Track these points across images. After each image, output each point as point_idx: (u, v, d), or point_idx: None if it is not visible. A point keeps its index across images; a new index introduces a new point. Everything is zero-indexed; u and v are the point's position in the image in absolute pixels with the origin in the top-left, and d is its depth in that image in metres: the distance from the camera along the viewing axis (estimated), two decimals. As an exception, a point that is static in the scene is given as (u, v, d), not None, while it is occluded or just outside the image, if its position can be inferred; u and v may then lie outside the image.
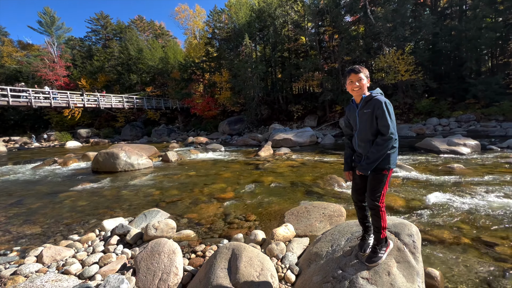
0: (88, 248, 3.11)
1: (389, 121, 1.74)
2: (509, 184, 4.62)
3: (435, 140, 8.77)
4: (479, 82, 16.29)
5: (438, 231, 3.07)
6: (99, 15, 39.08)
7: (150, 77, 32.70)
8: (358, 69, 1.85)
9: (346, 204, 4.19)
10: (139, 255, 2.49)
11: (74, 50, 39.53)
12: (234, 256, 2.19)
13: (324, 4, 21.01)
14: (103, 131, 29.60)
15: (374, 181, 1.85)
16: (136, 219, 3.85)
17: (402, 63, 17.28)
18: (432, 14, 19.20)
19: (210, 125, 25.42)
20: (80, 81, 32.97)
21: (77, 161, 10.72)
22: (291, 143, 12.56)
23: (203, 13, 34.97)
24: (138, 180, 7.07)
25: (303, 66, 21.15)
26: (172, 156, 10.19)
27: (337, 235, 2.43)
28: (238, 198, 4.95)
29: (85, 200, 5.48)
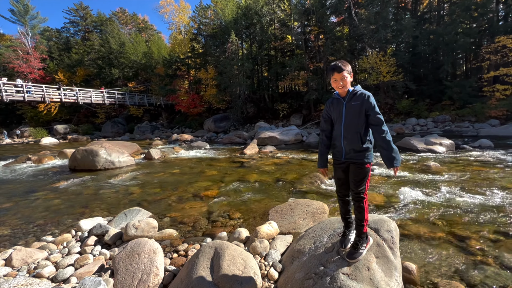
0: (63, 249, 2.96)
1: (377, 109, 1.86)
2: (480, 181, 4.90)
3: (413, 139, 9.14)
4: (454, 85, 17.16)
5: (415, 226, 3.19)
6: (78, 6, 37.27)
7: (133, 72, 31.68)
8: (340, 67, 1.87)
9: (329, 201, 4.27)
10: (118, 256, 2.40)
11: (50, 41, 37.47)
12: (217, 254, 2.16)
13: (310, 4, 21.23)
14: (82, 128, 28.36)
15: (359, 175, 1.91)
16: (116, 218, 3.71)
17: (384, 64, 17.84)
18: (412, 18, 19.93)
19: (195, 123, 25.04)
20: (57, 74, 31.35)
21: (53, 158, 10.21)
22: (276, 141, 12.63)
23: (188, 8, 34.24)
24: (119, 178, 6.83)
25: (289, 65, 21.31)
26: (156, 153, 9.94)
27: (319, 232, 2.46)
28: (223, 196, 4.90)
29: (61, 199, 5.22)
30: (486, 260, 2.45)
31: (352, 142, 1.92)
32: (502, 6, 18.02)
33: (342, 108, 1.97)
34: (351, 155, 1.93)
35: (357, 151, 1.90)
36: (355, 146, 1.90)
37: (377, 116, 1.84)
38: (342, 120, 1.97)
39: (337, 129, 2.02)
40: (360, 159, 1.90)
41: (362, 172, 1.90)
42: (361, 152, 1.90)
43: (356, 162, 1.92)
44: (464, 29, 17.88)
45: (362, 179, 1.90)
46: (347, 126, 1.94)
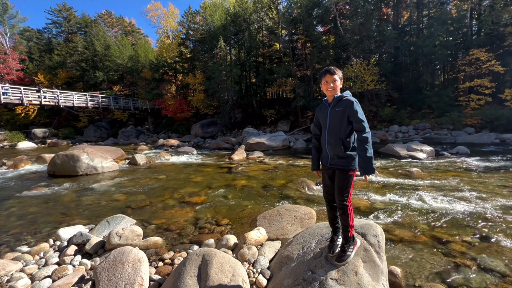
0: (39, 260, 2.80)
1: (362, 117, 1.87)
2: (459, 187, 5.12)
3: (396, 146, 9.46)
4: (433, 94, 18.04)
5: (399, 231, 3.28)
6: (61, 7, 36.19)
7: (118, 76, 30.99)
8: (333, 70, 1.95)
9: (317, 206, 4.31)
10: (100, 266, 2.29)
11: (30, 42, 36.11)
12: (204, 262, 2.12)
13: (298, 13, 21.77)
14: (62, 132, 27.21)
15: (342, 182, 1.94)
16: (98, 226, 3.56)
17: (368, 73, 18.49)
18: (394, 30, 20.89)
19: (182, 128, 24.70)
20: (37, 76, 30.09)
21: (30, 163, 9.71)
22: (264, 147, 12.68)
23: (176, 13, 34.17)
24: (101, 184, 6.59)
25: (276, 71, 21.62)
26: (141, 159, 9.69)
27: (308, 237, 2.47)
28: (210, 202, 4.83)
29: (39, 207, 4.95)
30: (466, 262, 2.55)
31: (335, 147, 1.96)
32: (475, 22, 19.27)
33: (327, 113, 2.02)
34: (335, 161, 1.97)
35: (340, 157, 1.94)
36: (338, 152, 1.94)
37: (360, 123, 1.87)
38: (326, 126, 2.02)
39: (323, 134, 2.07)
40: (343, 166, 1.94)
41: (345, 179, 1.93)
42: (344, 158, 1.93)
43: (340, 169, 1.95)
44: (441, 42, 18.93)
45: (345, 187, 1.94)
46: (331, 131, 1.99)
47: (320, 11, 22.02)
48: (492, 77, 16.72)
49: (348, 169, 1.92)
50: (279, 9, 24.32)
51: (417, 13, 21.77)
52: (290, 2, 23.00)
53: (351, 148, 1.93)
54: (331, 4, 20.82)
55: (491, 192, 4.73)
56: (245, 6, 24.33)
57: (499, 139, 12.24)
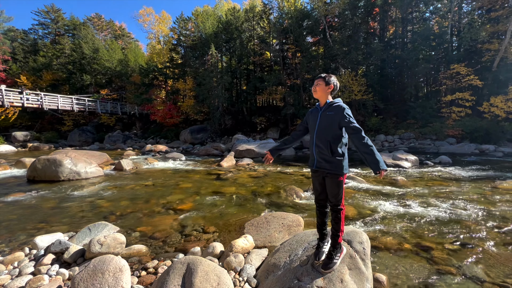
0: (12, 270, 2.64)
1: (353, 120, 1.92)
2: (442, 195, 5.28)
3: (382, 154, 9.69)
4: (417, 105, 18.73)
5: (384, 238, 3.32)
6: (49, 8, 35.48)
7: (107, 79, 30.45)
8: (320, 76, 2.08)
9: (305, 214, 4.31)
10: (78, 276, 2.19)
11: (14, 42, 35.03)
12: (189, 271, 2.06)
13: (288, 24, 22.28)
14: (45, 135, 26.25)
15: (333, 187, 1.97)
16: (79, 234, 3.41)
17: (355, 83, 19.02)
18: (380, 43, 21.70)
19: (171, 133, 24.39)
20: (20, 77, 29.12)
21: (9, 167, 9.27)
22: (253, 154, 12.67)
23: (169, 19, 34.19)
24: (84, 190, 6.36)
25: (267, 79, 21.88)
26: (127, 164, 9.45)
27: (295, 245, 2.46)
28: (197, 210, 4.75)
29: (15, 213, 4.71)
30: (449, 269, 2.60)
31: (322, 150, 1.99)
32: (455, 38, 20.32)
33: (318, 116, 2.06)
34: (322, 164, 1.99)
35: (327, 161, 1.96)
36: (325, 156, 1.97)
37: (353, 125, 1.91)
38: (315, 129, 2.06)
39: (311, 137, 2.11)
40: (331, 170, 1.96)
41: (335, 184, 1.96)
42: (331, 162, 1.95)
43: (328, 173, 1.98)
44: (424, 56, 19.81)
45: (336, 191, 1.96)
46: (319, 134, 2.02)
47: (310, 22, 22.65)
48: (472, 91, 17.57)
49: (338, 174, 1.94)
50: (270, 19, 24.84)
51: (402, 28, 22.77)
52: (281, 13, 23.56)
53: (338, 153, 1.95)
54: (321, 17, 21.47)
55: (471, 200, 4.90)
56: (237, 15, 24.71)
57: (479, 149, 12.78)
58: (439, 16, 20.73)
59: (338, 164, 1.94)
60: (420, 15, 22.23)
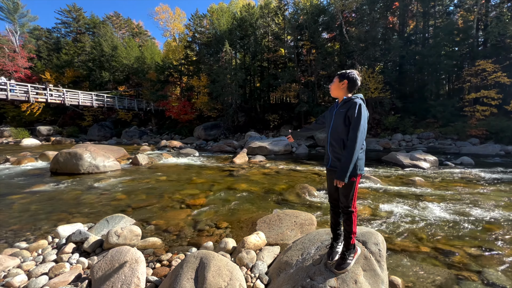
0: (37, 257, 2.79)
1: (358, 122, 1.79)
2: (463, 197, 5.05)
3: (399, 154, 9.38)
4: (438, 104, 17.94)
5: (400, 240, 3.22)
6: (71, 7, 36.86)
7: (124, 76, 31.30)
8: (338, 73, 2.02)
9: (317, 213, 4.26)
10: (97, 265, 2.28)
11: (39, 41, 36.70)
12: (202, 265, 2.09)
13: (304, 20, 21.93)
14: (67, 130, 27.45)
15: (345, 189, 1.90)
16: (97, 225, 3.56)
17: (372, 81, 18.48)
18: (400, 39, 20.92)
19: (185, 129, 24.80)
20: (44, 74, 30.53)
21: (34, 160, 9.78)
22: (266, 151, 12.65)
23: (183, 16, 34.58)
24: (103, 183, 6.60)
25: (281, 76, 21.70)
26: (143, 159, 9.71)
27: (307, 243, 2.44)
28: (210, 205, 4.81)
29: (39, 203, 4.97)
30: (470, 275, 2.49)
31: (336, 149, 1.93)
32: (481, 33, 19.24)
33: (333, 114, 2.01)
34: (335, 163, 1.94)
35: (341, 160, 1.89)
36: (339, 154, 1.91)
37: (355, 121, 1.80)
38: (330, 126, 2.01)
39: (326, 135, 2.07)
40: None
41: (348, 186, 1.87)
42: None
43: None
44: (447, 52, 18.90)
45: (348, 192, 1.90)
46: (333, 132, 1.97)
47: (326, 18, 22.17)
48: (498, 89, 16.60)
49: (351, 175, 1.86)
50: (285, 15, 24.54)
51: (423, 22, 21.82)
52: (297, 9, 23.21)
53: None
54: (337, 12, 20.96)
55: (495, 203, 4.65)
56: (251, 11, 24.60)
57: (504, 150, 12.10)
58: (464, 10, 19.67)
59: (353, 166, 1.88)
60: (444, 8, 21.19)
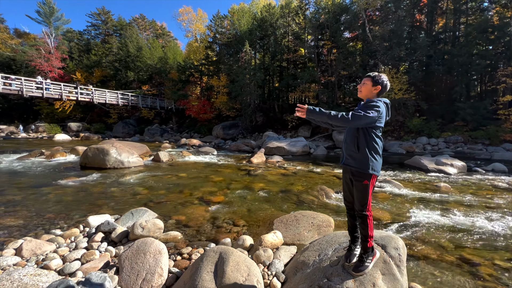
0: (70, 243, 3.03)
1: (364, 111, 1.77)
2: (493, 206, 4.76)
3: (424, 158, 8.99)
4: (468, 106, 16.90)
5: (422, 247, 3.12)
6: (100, 10, 38.92)
7: (148, 76, 32.52)
8: (369, 75, 1.99)
9: (335, 215, 4.22)
10: (124, 254, 2.43)
11: (71, 42, 39.02)
12: (221, 259, 2.17)
13: (325, 19, 21.58)
14: (94, 126, 29.06)
15: (359, 192, 1.91)
16: (123, 217, 3.77)
17: (396, 81, 17.80)
18: (427, 37, 19.95)
19: (204, 128, 25.33)
20: (75, 74, 32.48)
21: (65, 154, 10.47)
22: (284, 152, 12.63)
23: (205, 17, 35.30)
24: (127, 178, 6.95)
25: (300, 77, 21.51)
26: (164, 156, 10.08)
27: (325, 245, 2.44)
28: (228, 203, 4.92)
29: (71, 195, 5.34)
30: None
31: (349, 146, 1.95)
32: (519, 30, 17.86)
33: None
34: (349, 161, 1.95)
35: (353, 157, 1.91)
36: (351, 152, 1.92)
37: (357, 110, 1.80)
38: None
39: (344, 133, 2.11)
40: (355, 166, 1.89)
41: (362, 189, 1.88)
42: (357, 160, 1.88)
43: (353, 172, 1.92)
44: (479, 51, 17.76)
45: (363, 195, 1.89)
46: (349, 130, 2.00)
47: (348, 17, 21.65)
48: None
49: (362, 173, 1.85)
50: (306, 15, 24.28)
51: (454, 20, 20.65)
52: (318, 8, 22.88)
53: (365, 150, 1.86)
54: (360, 10, 20.40)
55: (530, 214, 4.34)
56: (272, 11, 24.60)
57: (543, 158, 11.17)
58: (500, 6, 18.36)
59: (363, 161, 1.85)
60: (477, 5, 19.92)
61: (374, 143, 1.87)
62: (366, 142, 1.87)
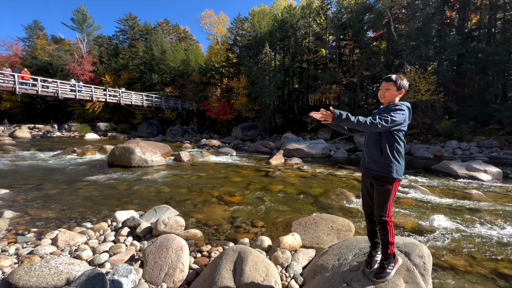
0: (99, 236, 3.22)
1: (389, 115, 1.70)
2: (531, 217, 4.38)
3: (453, 163, 8.47)
4: (505, 108, 15.65)
5: (450, 257, 2.95)
6: (128, 16, 40.98)
7: (170, 78, 33.68)
8: (390, 78, 1.92)
9: (355, 219, 4.12)
10: (148, 248, 2.56)
11: (102, 47, 41.47)
12: (240, 258, 2.21)
13: (347, 19, 21.09)
14: (120, 126, 30.59)
15: (380, 196, 1.86)
16: (147, 213, 3.95)
17: (423, 82, 16.93)
18: (458, 35, 18.79)
19: (224, 129, 25.72)
20: (105, 77, 34.43)
21: (95, 153, 11.13)
22: (303, 154, 12.50)
23: (226, 20, 35.93)
24: (150, 176, 7.25)
25: (321, 78, 21.16)
26: (185, 156, 10.38)
27: (344, 249, 2.40)
28: (246, 203, 4.97)
29: (99, 190, 5.68)
30: (534, 304, 2.19)
31: (371, 150, 1.90)
32: None
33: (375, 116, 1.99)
34: (371, 166, 1.91)
35: (375, 161, 1.87)
36: (374, 156, 1.88)
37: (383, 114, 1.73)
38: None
39: (364, 138, 2.06)
40: (378, 171, 1.84)
41: (382, 193, 1.83)
42: (379, 163, 1.84)
43: (375, 177, 1.87)
44: (518, 49, 16.39)
45: (383, 200, 1.84)
46: (370, 133, 1.95)
47: (372, 16, 20.97)
48: None
49: (384, 177, 1.81)
50: (327, 15, 23.88)
51: (489, 16, 19.27)
52: (340, 7, 22.41)
53: (388, 153, 1.81)
54: (385, 9, 19.69)
55: None
56: (293, 12, 24.48)
57: None
58: (543, -1, 16.88)
59: (386, 165, 1.81)
60: (516, -1, 18.45)
61: (398, 145, 1.84)
62: (389, 145, 1.83)
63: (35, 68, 36.37)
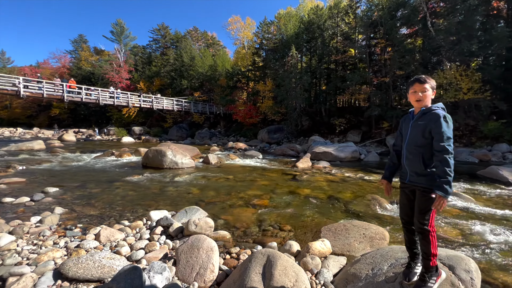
0: (136, 234, 3.43)
1: (446, 134, 1.63)
2: None
3: (503, 169, 7.64)
4: None
5: (502, 274, 2.66)
6: (160, 26, 43.46)
7: (199, 83, 34.94)
8: (424, 79, 1.81)
9: (389, 227, 3.89)
10: (180, 248, 2.66)
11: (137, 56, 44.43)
12: (269, 262, 2.20)
13: (378, 16, 20.20)
14: (153, 130, 32.36)
15: (422, 204, 1.73)
16: (178, 214, 4.12)
17: (465, 80, 15.56)
18: (507, 27, 16.99)
19: (250, 132, 25.96)
20: (139, 84, 36.78)
21: (130, 155, 11.89)
22: (331, 157, 12.14)
23: (253, 25, 36.43)
24: (180, 178, 7.55)
25: (350, 78, 20.46)
26: (213, 158, 10.65)
27: (379, 258, 2.28)
28: (273, 207, 4.95)
29: (135, 190, 6.04)
30: None
31: (413, 163, 1.79)
32: None
33: (409, 126, 1.87)
34: (414, 178, 1.80)
35: (420, 174, 1.76)
36: (417, 169, 1.77)
37: (441, 144, 1.62)
38: (406, 139, 1.88)
39: (402, 148, 1.93)
40: (423, 184, 1.73)
41: (425, 201, 1.70)
42: (425, 176, 1.73)
43: (420, 188, 1.75)
44: None
45: (425, 209, 1.71)
46: (409, 145, 1.83)
47: (406, 11, 19.84)
48: None
49: (430, 189, 1.68)
50: (356, 13, 23.10)
51: (545, 4, 17.20)
52: (370, 5, 21.55)
53: (433, 165, 1.71)
54: (421, 3, 18.52)
55: None
56: (320, 13, 24.08)
57: None
58: None
59: (433, 177, 1.69)
60: None
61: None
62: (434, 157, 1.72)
63: (79, 77, 40.03)
